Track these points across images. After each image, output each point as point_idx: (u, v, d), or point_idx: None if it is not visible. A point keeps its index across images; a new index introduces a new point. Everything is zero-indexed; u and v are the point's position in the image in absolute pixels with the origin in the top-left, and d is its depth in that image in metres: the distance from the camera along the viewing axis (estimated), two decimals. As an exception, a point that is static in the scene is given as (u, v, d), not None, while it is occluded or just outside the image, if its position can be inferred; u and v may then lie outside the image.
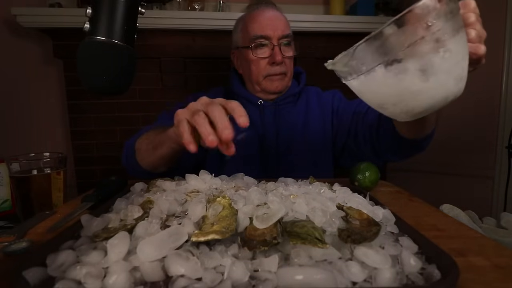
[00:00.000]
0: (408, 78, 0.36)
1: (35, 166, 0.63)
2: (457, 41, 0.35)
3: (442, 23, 0.34)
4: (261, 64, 0.84)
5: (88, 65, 0.38)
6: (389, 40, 0.34)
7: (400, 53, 0.35)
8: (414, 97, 0.38)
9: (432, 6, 0.33)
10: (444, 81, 0.37)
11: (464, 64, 0.38)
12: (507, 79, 1.41)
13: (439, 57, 0.35)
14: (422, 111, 0.41)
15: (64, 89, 1.52)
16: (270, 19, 0.85)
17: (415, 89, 0.37)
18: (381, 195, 0.60)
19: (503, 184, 1.42)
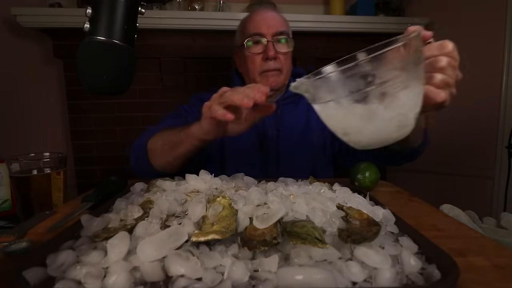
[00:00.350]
0: (352, 117, 0.40)
1: (35, 166, 0.63)
2: (406, 94, 0.37)
3: (390, 78, 0.36)
4: (256, 60, 0.85)
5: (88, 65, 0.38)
6: (338, 83, 0.37)
7: (345, 98, 0.38)
8: (358, 133, 0.42)
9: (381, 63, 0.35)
10: (384, 127, 0.40)
11: (410, 114, 0.40)
12: (507, 79, 1.41)
13: (382, 107, 0.37)
14: (368, 146, 0.43)
15: (64, 89, 1.52)
16: (265, 18, 0.87)
17: (359, 127, 0.41)
18: (381, 195, 0.60)
19: (503, 184, 1.42)
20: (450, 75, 0.44)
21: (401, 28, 1.71)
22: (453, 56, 0.44)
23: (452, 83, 0.45)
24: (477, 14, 1.48)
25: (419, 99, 0.40)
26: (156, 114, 1.59)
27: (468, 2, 1.51)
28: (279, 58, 0.85)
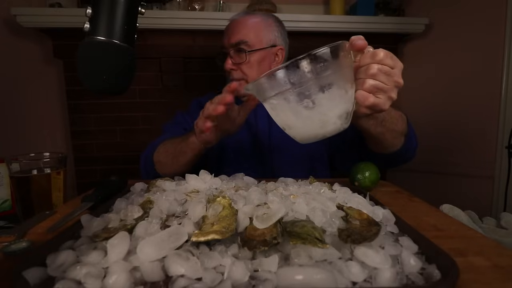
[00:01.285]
0: (286, 115, 0.47)
1: (35, 166, 0.63)
2: (325, 95, 0.44)
3: (300, 84, 0.43)
4: (225, 71, 0.91)
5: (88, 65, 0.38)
6: (266, 85, 0.45)
7: (273, 98, 0.46)
8: (292, 128, 0.49)
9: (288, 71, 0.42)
10: (309, 124, 0.47)
11: (331, 114, 0.46)
12: (507, 79, 1.41)
13: (302, 106, 0.44)
14: (305, 140, 0.50)
15: (64, 89, 1.52)
16: (228, 27, 0.91)
17: (292, 123, 0.48)
18: (381, 195, 0.60)
19: (503, 184, 1.42)
20: (382, 81, 0.48)
21: (401, 28, 1.71)
22: (385, 63, 0.47)
23: (386, 88, 0.48)
24: (477, 14, 1.48)
25: (340, 100, 0.46)
26: (156, 114, 1.59)
27: (468, 2, 1.51)
28: (240, 68, 0.87)
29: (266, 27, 0.89)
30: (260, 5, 1.56)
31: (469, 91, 1.53)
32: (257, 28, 0.88)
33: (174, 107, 1.59)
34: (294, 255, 0.30)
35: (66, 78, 1.51)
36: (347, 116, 0.48)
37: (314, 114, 0.45)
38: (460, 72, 1.56)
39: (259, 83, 0.45)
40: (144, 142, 1.57)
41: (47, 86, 1.58)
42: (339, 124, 0.47)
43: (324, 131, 0.47)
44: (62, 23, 1.38)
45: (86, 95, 1.50)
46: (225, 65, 0.88)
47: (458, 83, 1.57)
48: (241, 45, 0.86)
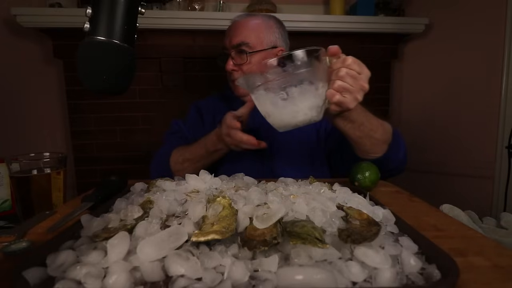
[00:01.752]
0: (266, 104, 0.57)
1: (35, 166, 0.63)
2: (297, 89, 0.53)
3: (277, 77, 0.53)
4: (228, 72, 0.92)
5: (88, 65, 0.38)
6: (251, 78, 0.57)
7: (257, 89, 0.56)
8: (270, 116, 0.58)
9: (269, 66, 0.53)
10: (282, 113, 0.56)
11: (301, 105, 0.55)
12: (507, 79, 1.41)
13: (278, 97, 0.54)
14: (282, 128, 0.59)
15: (64, 89, 1.52)
16: (230, 29, 0.92)
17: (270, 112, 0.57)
18: (381, 195, 0.60)
19: (503, 184, 1.42)
20: (349, 83, 0.56)
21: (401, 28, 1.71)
22: (352, 68, 0.57)
23: (352, 90, 0.57)
24: (477, 14, 1.48)
25: (310, 95, 0.55)
26: (156, 114, 1.59)
27: (468, 2, 1.51)
28: (241, 69, 0.89)
29: (267, 29, 0.90)
30: (260, 5, 1.56)
31: (469, 91, 1.53)
32: (258, 30, 0.89)
33: (174, 107, 1.59)
34: (294, 255, 0.30)
35: (66, 78, 1.51)
36: (317, 109, 0.56)
37: (288, 104, 0.55)
38: (460, 72, 1.56)
39: (246, 77, 0.58)
40: (144, 142, 1.59)
41: (47, 86, 1.58)
42: (309, 115, 0.56)
43: (296, 120, 0.56)
44: (62, 23, 1.38)
45: (86, 95, 1.50)
46: (227, 66, 0.90)
47: (458, 83, 1.57)
48: (242, 47, 0.87)
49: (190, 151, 0.82)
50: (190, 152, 0.82)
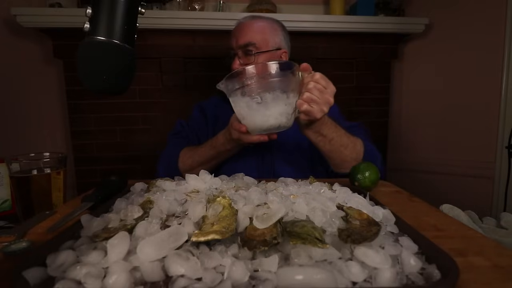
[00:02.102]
0: (239, 107, 0.64)
1: (35, 166, 0.63)
2: (270, 95, 0.60)
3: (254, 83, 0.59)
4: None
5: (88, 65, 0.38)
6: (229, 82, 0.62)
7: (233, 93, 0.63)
8: (243, 119, 0.65)
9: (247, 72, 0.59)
10: (255, 116, 0.62)
11: (273, 110, 0.61)
12: (507, 79, 1.41)
13: (253, 101, 0.61)
14: (253, 130, 0.66)
15: (64, 89, 1.52)
16: (237, 29, 0.93)
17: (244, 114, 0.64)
18: (381, 195, 0.60)
19: (503, 184, 1.42)
20: (316, 95, 0.65)
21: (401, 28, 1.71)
22: (319, 82, 0.65)
23: (318, 101, 0.65)
24: (477, 14, 1.48)
25: (281, 102, 0.61)
26: (156, 114, 1.59)
27: (467, 2, 1.51)
28: None
29: (272, 31, 0.93)
30: (260, 5, 1.56)
31: (469, 91, 1.53)
32: (264, 32, 0.91)
33: (174, 107, 1.59)
34: (294, 255, 0.30)
35: (66, 78, 1.51)
36: (287, 116, 0.63)
37: (261, 108, 0.61)
38: (460, 72, 1.56)
39: (225, 81, 0.62)
40: (144, 142, 1.59)
41: (47, 86, 1.58)
42: (279, 120, 0.62)
43: (268, 124, 0.62)
44: (62, 23, 1.38)
45: (86, 95, 1.50)
46: (233, 66, 0.91)
47: (458, 83, 1.57)
48: (249, 47, 0.89)
49: (200, 154, 0.84)
50: (199, 155, 0.84)
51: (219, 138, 0.81)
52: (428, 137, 1.70)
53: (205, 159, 0.84)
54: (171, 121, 1.60)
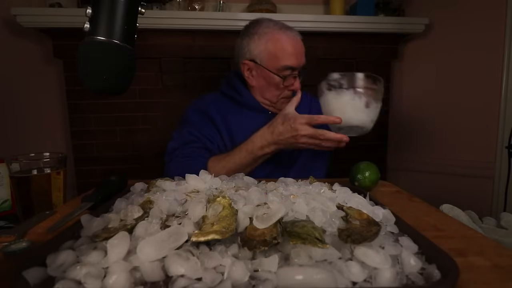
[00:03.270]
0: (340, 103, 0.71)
1: (35, 166, 0.63)
2: (374, 103, 0.70)
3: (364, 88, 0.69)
4: (281, 88, 0.90)
5: (88, 65, 0.38)
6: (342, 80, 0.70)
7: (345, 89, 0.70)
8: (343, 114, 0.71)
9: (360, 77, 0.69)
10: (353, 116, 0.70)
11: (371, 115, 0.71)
12: (507, 79, 1.41)
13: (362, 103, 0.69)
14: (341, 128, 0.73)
15: (64, 89, 1.52)
16: (297, 47, 0.90)
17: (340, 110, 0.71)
18: (381, 195, 0.60)
19: (503, 184, 1.42)
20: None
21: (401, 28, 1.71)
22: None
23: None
24: (477, 14, 1.48)
25: (376, 111, 0.72)
26: (156, 114, 1.59)
27: (468, 2, 1.51)
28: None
29: None
30: (260, 5, 1.56)
31: (469, 91, 1.53)
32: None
33: (174, 107, 1.59)
34: (294, 255, 0.30)
35: (66, 78, 1.51)
36: (373, 124, 0.73)
37: (364, 111, 0.70)
38: (460, 72, 1.56)
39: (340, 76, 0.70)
40: (144, 142, 1.59)
41: (47, 86, 1.58)
42: (370, 125, 0.73)
43: (362, 125, 0.71)
44: (62, 23, 1.38)
45: (86, 95, 1.50)
46: (296, 85, 0.90)
47: (458, 83, 1.57)
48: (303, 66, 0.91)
49: (234, 161, 0.80)
50: (235, 162, 0.80)
51: (256, 142, 0.79)
52: (428, 137, 1.70)
53: (241, 166, 0.80)
54: (171, 121, 1.60)
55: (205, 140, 0.88)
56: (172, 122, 1.60)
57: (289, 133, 0.75)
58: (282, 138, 0.77)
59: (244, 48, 0.92)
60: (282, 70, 0.87)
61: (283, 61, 0.87)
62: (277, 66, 0.87)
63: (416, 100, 1.74)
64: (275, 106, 0.94)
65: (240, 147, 0.81)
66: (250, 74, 0.93)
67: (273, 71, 0.87)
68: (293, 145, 0.77)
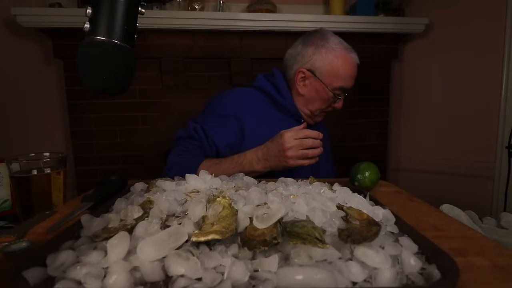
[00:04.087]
0: None
1: (35, 166, 0.63)
2: None
3: None
4: (326, 103, 0.93)
5: (88, 65, 0.38)
6: None
7: None
8: None
9: None
10: None
11: None
12: (507, 79, 1.41)
13: None
14: None
15: (64, 89, 1.52)
16: (355, 72, 0.93)
17: None
18: (381, 195, 0.60)
19: (503, 184, 1.42)
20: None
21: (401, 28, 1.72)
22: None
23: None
24: (477, 14, 1.48)
25: None
26: (156, 114, 1.59)
27: (468, 2, 1.51)
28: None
29: None
30: (260, 5, 1.56)
31: (469, 91, 1.53)
32: None
33: (174, 107, 1.60)
34: (294, 255, 0.30)
35: (66, 78, 1.51)
36: None
37: None
38: (460, 72, 1.56)
39: None
40: (144, 142, 1.59)
41: (47, 86, 1.58)
42: None
43: None
44: (62, 23, 1.38)
45: (86, 95, 1.50)
46: (340, 105, 0.94)
47: (458, 83, 1.57)
48: None
49: (223, 170, 0.78)
50: (222, 171, 0.78)
51: (247, 155, 0.79)
52: (428, 137, 1.70)
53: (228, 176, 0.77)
54: (171, 121, 1.60)
55: (207, 143, 0.86)
56: (172, 122, 1.60)
57: (276, 148, 0.76)
58: (270, 154, 0.77)
59: (306, 57, 0.91)
60: (337, 89, 0.90)
61: (342, 81, 0.90)
62: (334, 84, 0.90)
63: (416, 100, 1.74)
64: (312, 117, 0.97)
65: (233, 156, 0.81)
66: (303, 83, 0.93)
67: (329, 87, 0.90)
68: (281, 162, 0.76)
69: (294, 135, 0.74)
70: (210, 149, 0.86)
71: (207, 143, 0.86)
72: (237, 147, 0.85)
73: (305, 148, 0.75)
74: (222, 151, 0.85)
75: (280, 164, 0.76)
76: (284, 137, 0.74)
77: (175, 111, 1.60)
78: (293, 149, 0.74)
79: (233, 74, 1.60)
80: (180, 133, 0.90)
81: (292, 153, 0.74)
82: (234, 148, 0.85)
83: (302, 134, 0.75)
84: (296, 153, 0.74)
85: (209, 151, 0.86)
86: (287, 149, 0.74)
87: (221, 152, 0.85)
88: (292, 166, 0.76)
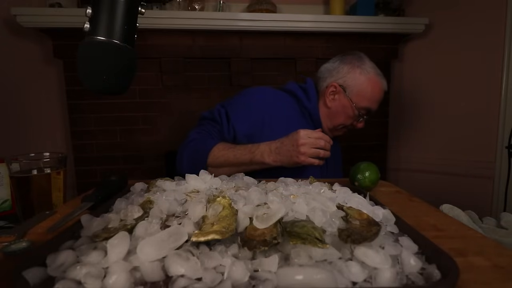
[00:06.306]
0: None
1: (35, 166, 0.63)
2: None
3: None
4: (349, 120, 0.97)
5: (88, 65, 0.38)
6: None
7: None
8: None
9: None
10: None
11: None
12: (507, 79, 1.41)
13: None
14: None
15: (64, 89, 1.52)
16: (382, 97, 0.98)
17: None
18: (381, 195, 0.60)
19: (503, 184, 1.42)
20: None
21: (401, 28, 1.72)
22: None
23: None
24: (477, 13, 1.48)
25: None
26: (156, 114, 1.59)
27: (468, 2, 1.51)
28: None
29: None
30: (260, 5, 1.56)
31: (469, 91, 1.53)
32: None
33: (174, 107, 1.60)
34: (294, 255, 0.30)
35: (66, 78, 1.51)
36: None
37: None
38: (460, 72, 1.56)
39: None
40: (144, 142, 1.59)
41: (47, 86, 1.58)
42: None
43: None
44: (62, 23, 1.38)
45: (86, 95, 1.50)
46: (362, 125, 0.98)
47: (458, 83, 1.57)
48: None
49: (235, 155, 0.82)
50: (234, 155, 0.82)
51: (261, 146, 0.81)
52: (428, 137, 1.70)
53: (238, 162, 0.82)
54: (171, 121, 1.60)
55: (226, 129, 0.89)
56: (172, 122, 1.60)
57: (290, 143, 0.77)
58: (283, 148, 0.78)
59: (341, 73, 0.96)
60: (363, 108, 0.95)
61: (369, 103, 0.95)
62: (361, 104, 0.94)
63: (416, 100, 1.74)
64: (333, 131, 1.01)
65: (247, 145, 0.83)
66: (332, 96, 0.97)
67: (355, 105, 0.94)
68: (293, 157, 0.77)
69: (309, 133, 0.77)
70: (228, 134, 0.89)
71: (227, 129, 0.89)
72: (254, 140, 0.87)
73: (318, 147, 0.77)
74: (239, 139, 0.88)
75: (292, 160, 0.77)
76: (299, 133, 0.76)
77: (175, 111, 1.60)
78: (307, 146, 0.76)
79: (233, 74, 1.60)
80: (205, 114, 0.95)
81: (305, 149, 0.76)
82: (251, 140, 0.87)
83: (316, 134, 0.78)
84: (309, 150, 0.76)
85: (227, 136, 0.89)
86: (301, 145, 0.75)
87: (238, 141, 0.88)
88: (302, 163, 0.77)
